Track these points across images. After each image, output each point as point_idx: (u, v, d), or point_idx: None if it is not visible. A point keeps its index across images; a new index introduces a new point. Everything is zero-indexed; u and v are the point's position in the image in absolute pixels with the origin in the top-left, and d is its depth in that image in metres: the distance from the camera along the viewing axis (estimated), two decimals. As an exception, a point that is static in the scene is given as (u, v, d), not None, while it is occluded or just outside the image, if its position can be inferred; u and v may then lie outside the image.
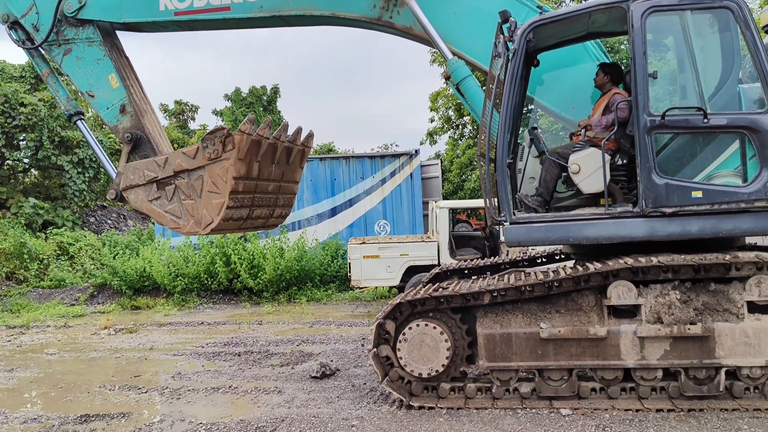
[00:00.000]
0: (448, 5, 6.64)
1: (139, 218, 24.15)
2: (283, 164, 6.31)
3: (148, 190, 5.86)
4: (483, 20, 6.51)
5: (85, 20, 6.88)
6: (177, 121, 32.67)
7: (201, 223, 5.58)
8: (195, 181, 5.64)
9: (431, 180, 16.72)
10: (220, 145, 5.44)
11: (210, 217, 5.54)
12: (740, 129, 5.00)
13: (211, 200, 5.54)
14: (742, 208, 4.97)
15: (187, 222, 5.65)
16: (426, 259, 11.81)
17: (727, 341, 4.94)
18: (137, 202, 5.97)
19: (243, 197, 5.72)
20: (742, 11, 5.05)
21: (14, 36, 7.00)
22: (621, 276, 5.11)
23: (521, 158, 6.47)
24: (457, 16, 6.64)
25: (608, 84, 6.12)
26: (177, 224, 5.69)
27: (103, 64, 6.78)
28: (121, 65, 6.89)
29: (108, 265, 14.92)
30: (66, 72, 6.92)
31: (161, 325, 11.61)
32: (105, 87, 6.74)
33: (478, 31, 6.56)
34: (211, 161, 5.51)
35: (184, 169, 5.67)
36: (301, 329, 10.58)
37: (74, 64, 6.88)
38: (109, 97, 6.73)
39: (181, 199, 5.69)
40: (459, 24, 6.66)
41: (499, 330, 5.34)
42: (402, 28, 6.77)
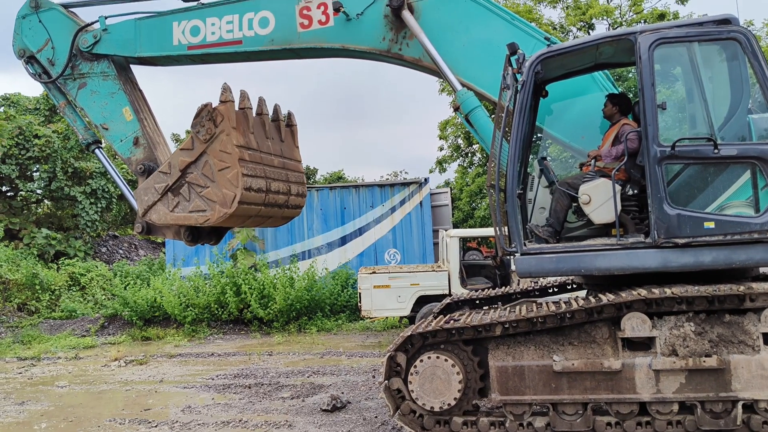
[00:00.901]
0: (457, 37, 6.72)
1: (150, 248, 24.27)
2: (277, 141, 6.36)
3: (166, 202, 5.87)
4: (491, 52, 6.58)
5: (100, 55, 7.02)
6: (188, 151, 32.95)
7: (226, 203, 5.54)
8: (204, 169, 5.64)
9: (441, 208, 16.74)
10: (210, 123, 5.50)
11: (231, 192, 5.51)
12: (751, 159, 4.98)
13: (226, 176, 5.53)
14: (755, 238, 4.93)
15: (213, 209, 5.62)
16: (437, 288, 11.76)
17: (744, 374, 4.85)
18: (162, 219, 5.93)
19: (253, 167, 5.72)
20: (750, 42, 5.07)
21: (30, 70, 7.15)
22: (634, 307, 5.06)
23: (531, 188, 6.47)
24: (465, 48, 6.72)
25: (617, 114, 6.14)
26: (206, 217, 5.65)
27: (117, 97, 6.89)
28: (134, 98, 7.00)
29: (119, 296, 14.96)
30: (80, 105, 7.04)
31: (171, 357, 11.58)
32: (119, 120, 6.84)
33: (486, 62, 6.63)
34: (208, 142, 5.55)
35: (189, 163, 5.68)
36: (312, 360, 10.52)
37: (89, 98, 7.00)
38: (122, 129, 6.82)
39: (199, 193, 5.68)
40: (467, 56, 6.73)
41: (511, 362, 5.28)
42: (411, 59, 6.85)
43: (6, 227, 18.64)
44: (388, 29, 6.79)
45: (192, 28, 7.00)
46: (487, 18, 6.70)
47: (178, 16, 7.03)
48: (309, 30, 6.90)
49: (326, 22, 6.86)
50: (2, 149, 18.32)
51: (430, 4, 6.73)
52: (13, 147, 18.57)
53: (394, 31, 6.79)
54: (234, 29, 6.95)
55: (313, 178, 33.08)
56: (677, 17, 20.68)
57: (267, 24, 6.90)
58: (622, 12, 22.55)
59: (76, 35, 6.96)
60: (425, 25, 6.64)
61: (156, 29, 7.06)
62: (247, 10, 6.93)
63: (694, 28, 5.23)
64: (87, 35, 6.97)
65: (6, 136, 18.48)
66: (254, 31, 6.92)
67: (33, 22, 7.07)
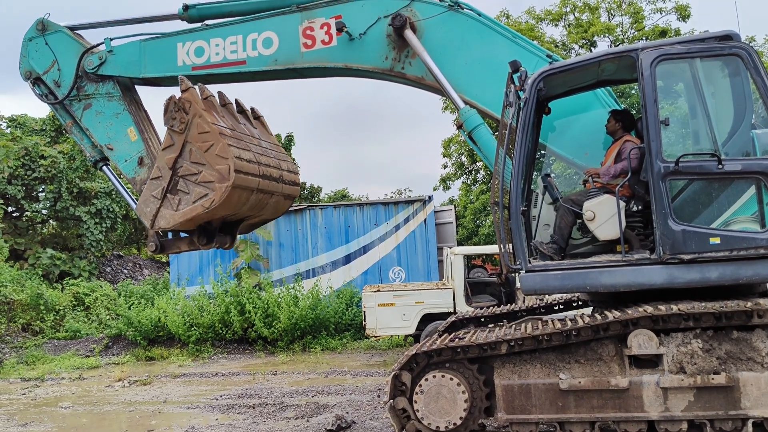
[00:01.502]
0: (459, 56, 6.76)
1: (155, 267, 24.27)
2: (250, 128, 6.41)
3: (168, 204, 5.87)
4: (493, 70, 6.61)
5: (105, 76, 7.08)
6: (193, 170, 33.10)
7: (223, 176, 5.55)
8: (191, 158, 5.68)
9: (445, 226, 16.70)
10: (180, 113, 5.58)
11: (225, 164, 5.53)
12: (755, 175, 4.97)
13: (214, 153, 5.57)
14: (761, 254, 4.89)
15: (214, 188, 5.62)
16: (441, 306, 11.70)
17: (753, 391, 4.79)
18: (171, 222, 5.91)
19: (236, 141, 5.76)
20: (752, 58, 5.08)
21: (37, 91, 7.22)
22: (641, 324, 5.01)
23: (535, 205, 6.47)
24: (467, 66, 6.76)
25: (620, 131, 6.14)
26: (211, 199, 5.64)
27: (122, 118, 6.94)
28: (139, 119, 7.05)
29: (123, 316, 14.93)
30: (86, 126, 7.08)
31: (175, 377, 11.52)
32: (124, 140, 6.88)
33: (488, 80, 6.67)
34: (185, 131, 5.61)
35: (175, 158, 5.71)
36: (316, 379, 10.46)
37: (94, 118, 7.05)
38: (127, 149, 6.86)
39: (195, 181, 5.70)
40: (470, 74, 6.77)
41: (517, 381, 5.23)
42: (414, 78, 6.89)
43: (11, 247, 18.67)
44: (391, 48, 6.84)
45: (196, 48, 7.07)
46: (488, 36, 6.74)
47: (183, 37, 7.10)
48: (312, 50, 6.96)
49: (329, 42, 6.92)
50: (9, 170, 18.43)
51: (432, 23, 6.78)
52: (19, 168, 18.68)
53: (396, 50, 6.84)
54: (238, 50, 7.01)
55: (317, 197, 33.15)
56: (679, 34, 20.78)
57: (270, 44, 6.97)
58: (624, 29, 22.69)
59: (81, 57, 7.03)
60: (427, 43, 6.68)
61: (160, 50, 7.13)
62: (250, 31, 7.00)
63: (695, 45, 5.24)
64: (92, 57, 7.05)
65: (12, 157, 18.59)
66: (258, 52, 6.99)
67: (39, 45, 7.15)
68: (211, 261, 16.29)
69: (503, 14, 24.35)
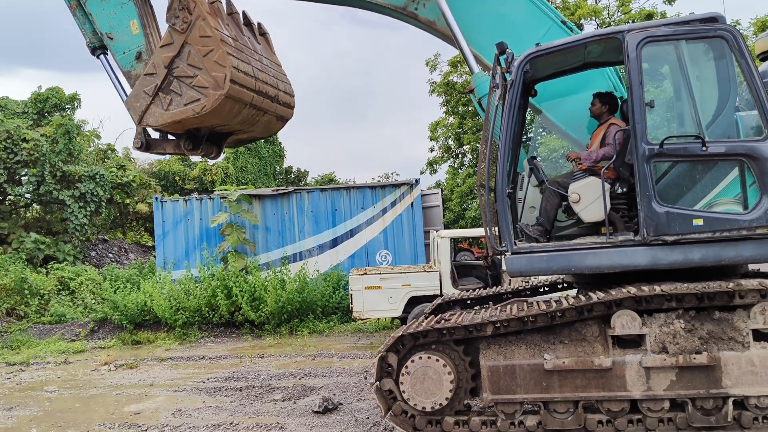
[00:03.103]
0: (474, 7, 6.68)
1: (141, 251, 24.13)
2: (254, 42, 6.34)
3: (159, 102, 5.79)
4: (505, 26, 6.57)
5: None
6: (178, 154, 32.83)
7: (218, 84, 5.50)
8: (189, 59, 5.61)
9: (432, 209, 16.73)
10: (184, 12, 5.51)
11: (221, 72, 5.48)
12: (739, 157, 5.01)
13: (212, 59, 5.51)
14: (743, 235, 4.95)
15: (207, 94, 5.57)
16: (428, 289, 11.74)
17: (734, 370, 4.87)
18: (159, 121, 5.83)
19: (237, 52, 5.70)
20: (737, 40, 5.09)
21: None
22: (624, 305, 5.06)
23: (521, 188, 6.48)
24: (480, 18, 6.69)
25: (605, 113, 6.15)
26: (202, 104, 5.58)
27: (126, 8, 6.67)
28: (144, 12, 6.79)
29: (109, 300, 14.85)
30: (89, 10, 6.72)
31: (162, 360, 11.51)
32: (125, 32, 6.64)
33: (498, 35, 6.59)
34: (186, 31, 5.54)
35: (172, 57, 5.64)
36: (303, 362, 10.49)
37: (99, 4, 6.74)
38: (127, 41, 6.65)
39: (189, 84, 5.64)
40: (481, 26, 6.70)
41: (502, 362, 5.27)
42: (425, 21, 6.83)
43: (-6, 232, 18.50)
44: None
45: None
46: None
47: None
48: None
49: None
50: (-10, 153, 18.19)
51: None
52: (1, 151, 18.43)
53: None
54: None
55: (304, 180, 33.05)
56: (665, 17, 20.80)
57: None
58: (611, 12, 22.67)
59: None
60: None
61: None
62: None
63: (681, 27, 5.25)
64: None
65: (-7, 140, 18.34)
66: None
67: None
68: (198, 245, 16.23)
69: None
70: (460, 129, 24.47)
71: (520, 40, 6.68)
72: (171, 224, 16.45)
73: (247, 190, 16.75)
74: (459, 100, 24.32)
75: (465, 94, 24.03)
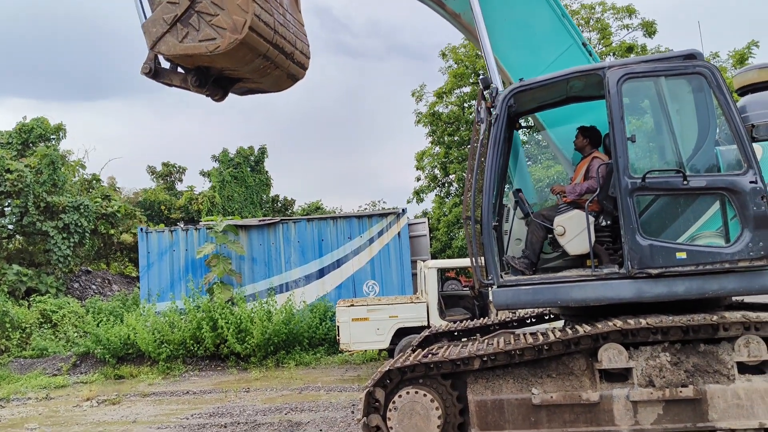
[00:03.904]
0: (502, 9, 6.70)
1: (125, 283, 23.85)
2: None
3: (175, 33, 5.70)
4: (526, 35, 6.61)
5: None
6: (164, 182, 32.74)
7: (236, 29, 5.42)
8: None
9: (419, 238, 16.74)
10: None
11: (242, 17, 5.41)
12: (719, 190, 5.09)
13: (236, 2, 5.45)
14: (726, 268, 5.00)
15: (223, 36, 5.49)
16: (415, 320, 11.69)
17: (720, 403, 4.87)
18: (170, 50, 5.76)
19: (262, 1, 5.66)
20: (714, 76, 5.21)
21: None
22: (611, 338, 5.07)
23: (507, 220, 6.52)
24: (505, 21, 6.70)
25: (588, 147, 6.24)
26: (216, 44, 5.51)
27: None
28: None
29: (91, 333, 14.61)
30: None
31: (145, 395, 11.30)
32: None
33: (518, 42, 6.66)
34: None
35: None
36: (290, 396, 10.35)
37: None
38: None
39: (208, 22, 5.55)
40: (505, 30, 6.71)
41: (490, 396, 5.24)
42: (451, 12, 6.83)
43: (-25, 264, 18.22)
44: None
45: None
46: (539, 5, 6.70)
47: None
48: None
49: None
50: (-27, 184, 18.02)
51: None
52: (-16, 182, 18.28)
53: None
54: None
55: (291, 209, 33.00)
56: (645, 49, 21.24)
57: None
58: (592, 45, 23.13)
59: None
60: None
61: None
62: None
63: (660, 63, 5.37)
64: None
65: (-23, 171, 18.19)
66: None
67: None
68: (183, 276, 16.10)
69: (475, 29, 24.61)
70: (446, 159, 24.63)
71: (537, 52, 6.74)
72: (156, 255, 16.32)
73: (234, 221, 16.70)
74: (445, 130, 24.53)
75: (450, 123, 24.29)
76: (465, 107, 23.55)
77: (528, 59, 6.21)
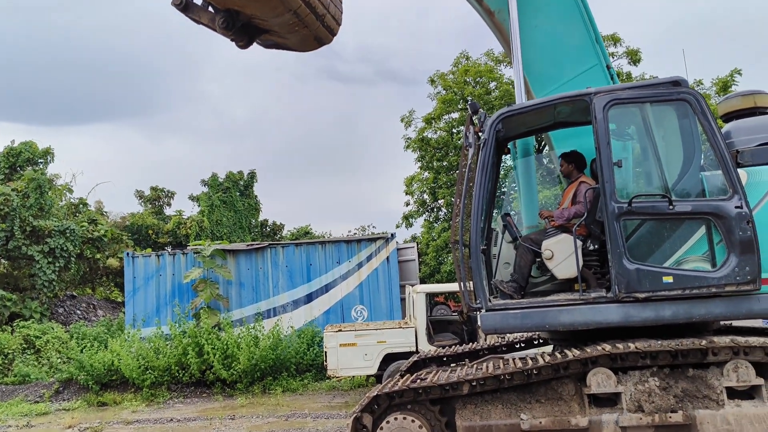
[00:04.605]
0: (536, 17, 6.79)
1: (110, 308, 23.55)
2: None
3: None
4: (554, 46, 6.68)
5: None
6: (152, 207, 32.58)
7: None
8: None
9: (408, 263, 16.70)
10: None
11: None
12: (705, 215, 5.13)
13: None
14: (712, 292, 5.02)
15: None
16: (404, 346, 11.60)
17: (710, 429, 4.84)
18: None
19: None
20: (699, 103, 5.29)
21: None
22: (600, 363, 5.05)
23: (495, 244, 6.53)
24: (535, 29, 6.78)
25: (575, 172, 6.29)
26: None
27: None
28: None
29: (75, 359, 14.36)
30: None
31: (128, 423, 11.08)
32: None
33: (543, 51, 6.74)
34: None
35: None
36: (276, 423, 10.19)
37: None
38: None
39: None
40: (532, 38, 6.80)
41: (479, 422, 5.19)
42: (486, 8, 6.93)
43: (-42, 288, 17.94)
44: None
45: None
46: (572, 18, 6.77)
47: None
48: None
49: None
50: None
51: None
52: (-31, 205, 18.09)
53: None
54: None
55: (280, 234, 32.90)
56: (630, 77, 21.56)
57: None
58: (579, 72, 23.41)
59: None
60: None
61: None
62: None
63: (645, 90, 5.45)
64: None
65: (-38, 194, 18.01)
66: None
67: None
68: (169, 301, 15.91)
69: (463, 55, 24.92)
70: (435, 184, 24.74)
71: (560, 65, 6.82)
72: (142, 280, 16.14)
73: (221, 245, 16.60)
74: (434, 156, 24.67)
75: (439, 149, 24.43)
76: (453, 132, 23.74)
77: (551, 71, 6.25)
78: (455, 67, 24.78)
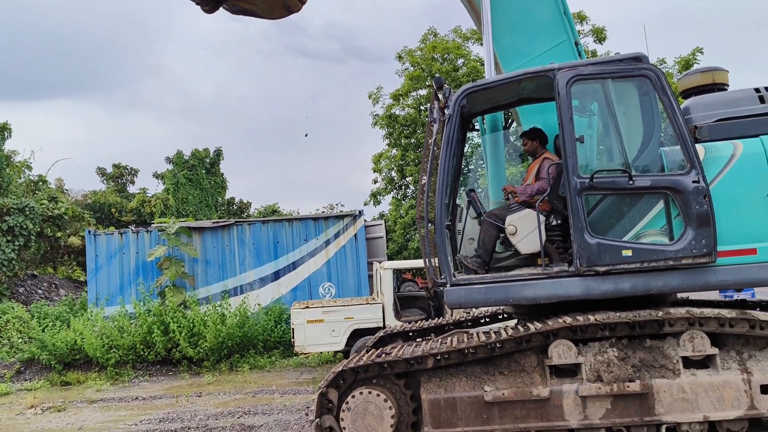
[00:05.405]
0: None
1: (72, 287, 23.12)
2: None
3: None
4: (526, 22, 6.69)
5: None
6: (115, 184, 31.91)
7: None
8: None
9: (376, 240, 16.73)
10: None
11: None
12: (663, 190, 5.23)
13: None
14: (670, 265, 5.14)
15: None
16: (371, 321, 11.67)
17: (666, 397, 5.00)
18: None
19: None
20: (659, 79, 5.36)
21: None
22: (561, 335, 5.16)
23: (460, 220, 6.56)
24: (509, 5, 6.76)
25: (539, 148, 6.34)
26: None
27: None
28: None
29: (36, 339, 14.10)
30: None
31: (92, 402, 10.96)
32: None
33: (514, 27, 6.76)
34: None
35: None
36: (243, 399, 10.19)
37: None
38: None
39: None
40: (504, 13, 6.80)
41: (443, 394, 5.26)
42: None
43: None
44: None
45: None
46: None
47: None
48: None
49: None
50: None
51: None
52: None
53: None
54: None
55: (247, 212, 32.59)
56: (595, 55, 21.77)
57: None
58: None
59: None
60: None
61: None
62: None
63: (608, 66, 5.49)
64: None
65: None
66: None
67: None
68: (133, 279, 15.69)
69: (431, 32, 24.80)
70: (403, 161, 24.74)
71: (531, 40, 6.85)
72: (105, 258, 15.86)
73: (187, 223, 16.37)
74: (401, 133, 24.63)
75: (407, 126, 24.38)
76: (421, 109, 23.71)
77: (520, 45, 6.26)
78: (423, 44, 24.67)
